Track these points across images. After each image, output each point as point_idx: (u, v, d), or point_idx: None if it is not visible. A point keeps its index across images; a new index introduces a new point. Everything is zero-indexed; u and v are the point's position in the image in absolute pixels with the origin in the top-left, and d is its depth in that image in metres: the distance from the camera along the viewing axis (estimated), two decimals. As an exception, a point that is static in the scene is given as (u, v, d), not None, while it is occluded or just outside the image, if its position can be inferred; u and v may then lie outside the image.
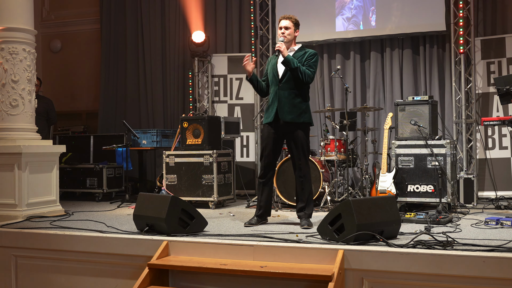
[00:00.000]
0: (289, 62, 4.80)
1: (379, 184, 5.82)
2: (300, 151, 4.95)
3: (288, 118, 4.90)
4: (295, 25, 5.02)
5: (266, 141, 5.03)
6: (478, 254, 3.51)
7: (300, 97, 4.94)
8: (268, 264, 3.86)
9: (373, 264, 3.71)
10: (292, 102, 4.91)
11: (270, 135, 5.01)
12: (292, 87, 4.92)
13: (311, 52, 5.00)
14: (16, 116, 5.73)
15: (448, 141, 5.74)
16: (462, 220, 5.15)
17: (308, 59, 4.94)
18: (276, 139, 5.02)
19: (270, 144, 5.01)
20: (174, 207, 4.43)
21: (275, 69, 5.00)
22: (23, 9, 5.83)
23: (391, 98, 7.76)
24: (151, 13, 9.19)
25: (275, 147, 5.05)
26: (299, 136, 4.94)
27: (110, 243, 4.41)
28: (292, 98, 4.91)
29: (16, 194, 5.55)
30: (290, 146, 5.02)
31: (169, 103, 9.07)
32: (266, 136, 5.04)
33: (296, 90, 4.93)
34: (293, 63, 4.80)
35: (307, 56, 4.95)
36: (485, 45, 7.35)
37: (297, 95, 4.93)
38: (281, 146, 5.16)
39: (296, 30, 5.03)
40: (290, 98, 4.91)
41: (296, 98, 4.93)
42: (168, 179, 6.67)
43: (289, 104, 4.90)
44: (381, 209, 4.13)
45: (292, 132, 4.93)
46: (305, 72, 4.83)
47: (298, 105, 4.93)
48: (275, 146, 5.04)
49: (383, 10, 7.75)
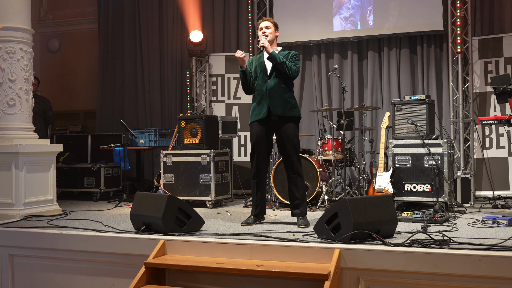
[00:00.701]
0: (274, 57, 4.86)
1: (376, 184, 5.83)
2: (292, 147, 4.95)
3: (280, 111, 4.93)
4: (274, 25, 5.10)
5: (256, 139, 5.03)
6: (474, 253, 3.51)
7: (289, 92, 5.01)
8: (265, 263, 3.86)
9: (370, 263, 3.71)
10: (282, 96, 4.95)
11: (261, 133, 5.01)
12: (280, 82, 4.96)
13: (293, 52, 5.08)
14: (13, 115, 5.73)
15: (445, 141, 5.75)
16: (459, 219, 5.16)
17: (293, 57, 5.01)
18: (267, 137, 5.04)
19: (261, 141, 5.02)
20: (171, 206, 4.43)
21: (263, 66, 5.03)
22: (20, 8, 5.83)
23: (388, 97, 7.76)
24: (149, 13, 9.19)
25: (267, 145, 5.06)
26: (291, 131, 4.95)
27: (107, 242, 4.40)
28: (282, 93, 4.96)
29: (13, 193, 5.55)
30: (281, 142, 5.00)
31: (166, 103, 9.07)
32: (256, 134, 5.04)
33: (285, 85, 4.98)
34: (278, 58, 4.86)
35: (291, 55, 5.02)
36: (483, 44, 7.35)
37: (286, 90, 4.98)
38: (271, 144, 5.21)
39: (276, 31, 5.10)
40: (281, 92, 4.95)
41: (286, 93, 4.98)
42: (165, 179, 6.67)
43: (280, 98, 4.94)
44: (377, 208, 4.13)
45: (283, 126, 4.95)
46: (290, 67, 4.90)
47: (288, 100, 4.98)
48: (267, 143, 5.06)
49: (380, 10, 7.75)
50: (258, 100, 5.02)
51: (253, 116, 5.06)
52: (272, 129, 5.03)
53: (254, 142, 5.06)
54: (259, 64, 5.07)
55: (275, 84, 4.95)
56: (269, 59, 4.90)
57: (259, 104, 5.01)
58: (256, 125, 5.04)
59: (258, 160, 5.03)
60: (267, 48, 4.88)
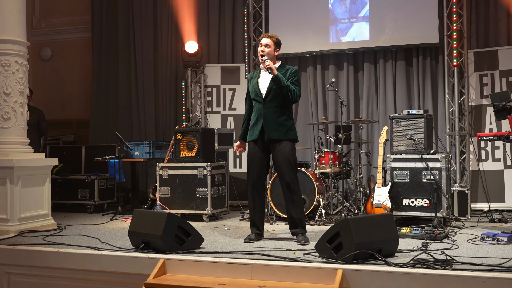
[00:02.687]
0: (279, 80, 4.78)
1: (374, 198, 5.82)
2: (288, 165, 4.88)
3: (274, 136, 4.88)
4: (275, 44, 4.99)
5: (251, 158, 5.01)
6: (478, 275, 3.50)
7: (285, 115, 4.93)
8: (267, 283, 3.83)
9: (373, 284, 3.69)
10: (277, 121, 4.88)
11: (255, 153, 4.98)
12: (277, 105, 4.89)
13: (292, 69, 5.00)
14: (8, 129, 5.65)
15: (443, 155, 5.75)
16: (458, 235, 5.15)
17: (291, 76, 4.92)
18: (262, 157, 4.99)
19: (256, 161, 4.98)
20: (170, 224, 4.38)
21: (256, 87, 4.97)
22: (16, 21, 5.75)
23: (384, 109, 7.77)
24: (143, 22, 9.13)
25: (262, 164, 5.01)
26: (286, 150, 4.89)
27: (106, 261, 4.35)
28: (277, 117, 4.89)
29: (8, 208, 5.45)
30: (277, 161, 4.93)
31: (161, 114, 9.00)
32: (251, 153, 5.01)
33: (281, 108, 4.91)
34: (283, 81, 4.79)
35: (289, 74, 4.93)
36: (478, 57, 7.39)
37: (282, 113, 4.91)
38: (268, 162, 5.10)
39: (276, 50, 4.99)
40: (276, 116, 4.88)
41: (282, 116, 4.91)
42: (161, 192, 6.62)
43: (275, 122, 4.88)
44: (379, 227, 4.12)
45: (279, 146, 4.89)
46: (293, 91, 4.83)
47: (284, 123, 4.91)
48: (261, 163, 5.00)
49: (376, 22, 7.77)
50: (254, 121, 4.98)
51: (249, 136, 5.04)
52: (268, 148, 4.98)
53: (250, 161, 5.02)
54: (253, 85, 5.01)
55: (270, 107, 4.89)
56: (273, 81, 4.84)
57: (254, 125, 4.97)
58: (252, 144, 5.02)
59: (252, 178, 4.98)
60: (274, 70, 4.79)
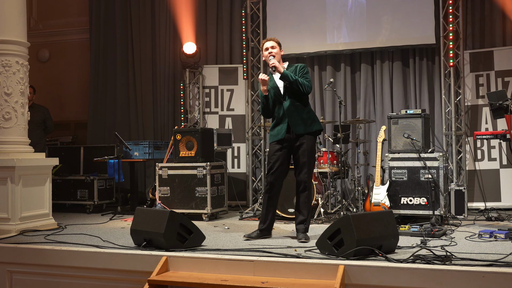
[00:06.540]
0: (286, 76, 4.86)
1: (373, 197, 5.87)
2: (307, 165, 4.95)
3: (301, 130, 4.95)
4: (279, 44, 5.11)
5: (274, 158, 5.01)
6: (478, 269, 3.55)
7: (305, 108, 5.02)
8: (269, 279, 3.86)
9: (374, 279, 3.73)
10: (301, 115, 4.97)
11: (279, 152, 5.00)
12: (296, 101, 4.98)
13: (300, 65, 5.10)
14: (9, 129, 5.67)
15: (440, 154, 5.81)
16: (455, 233, 5.21)
17: (301, 71, 5.02)
18: (285, 156, 5.02)
19: (279, 160, 4.99)
20: (172, 222, 4.42)
21: (275, 87, 5.04)
22: (16, 22, 5.79)
23: (381, 109, 7.84)
24: (141, 24, 9.17)
25: (284, 164, 5.03)
26: (309, 143, 4.96)
27: (108, 259, 4.38)
28: (300, 111, 4.98)
29: (9, 207, 5.48)
30: (298, 159, 4.99)
31: (159, 114, 9.04)
32: (273, 153, 5.03)
33: (300, 102, 5.00)
34: (291, 76, 4.87)
35: (299, 69, 5.03)
36: (474, 58, 7.47)
37: (302, 107, 5.00)
38: (289, 162, 5.12)
39: (280, 50, 5.12)
40: (298, 111, 4.97)
41: (303, 110, 5.00)
42: (161, 191, 6.65)
43: (299, 117, 4.96)
44: (379, 223, 4.18)
45: (303, 143, 4.95)
46: (303, 83, 4.91)
47: (307, 116, 5.00)
48: (284, 162, 5.03)
49: (373, 23, 7.84)
50: (277, 122, 5.04)
51: (272, 137, 5.08)
52: (292, 146, 5.01)
53: (271, 161, 5.03)
54: (271, 85, 5.06)
55: (291, 104, 4.96)
56: (281, 79, 4.92)
57: (278, 124, 5.03)
58: (275, 145, 5.05)
59: (273, 176, 5.00)
60: (278, 68, 4.89)
